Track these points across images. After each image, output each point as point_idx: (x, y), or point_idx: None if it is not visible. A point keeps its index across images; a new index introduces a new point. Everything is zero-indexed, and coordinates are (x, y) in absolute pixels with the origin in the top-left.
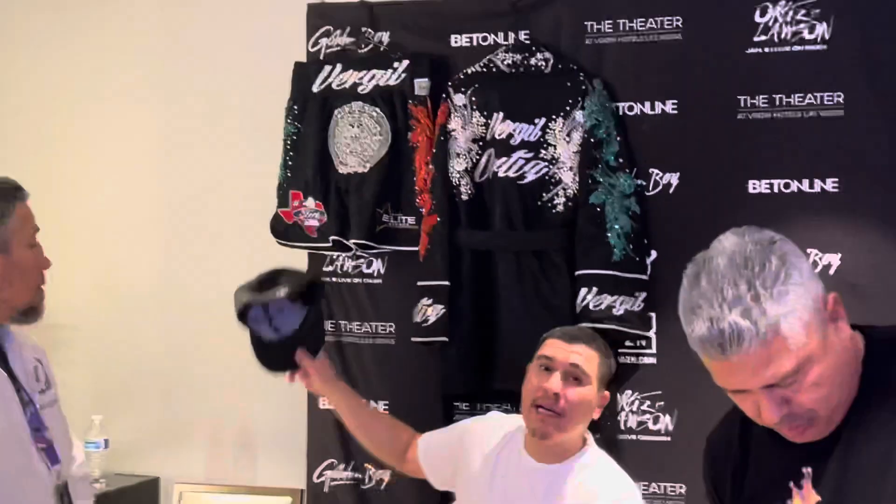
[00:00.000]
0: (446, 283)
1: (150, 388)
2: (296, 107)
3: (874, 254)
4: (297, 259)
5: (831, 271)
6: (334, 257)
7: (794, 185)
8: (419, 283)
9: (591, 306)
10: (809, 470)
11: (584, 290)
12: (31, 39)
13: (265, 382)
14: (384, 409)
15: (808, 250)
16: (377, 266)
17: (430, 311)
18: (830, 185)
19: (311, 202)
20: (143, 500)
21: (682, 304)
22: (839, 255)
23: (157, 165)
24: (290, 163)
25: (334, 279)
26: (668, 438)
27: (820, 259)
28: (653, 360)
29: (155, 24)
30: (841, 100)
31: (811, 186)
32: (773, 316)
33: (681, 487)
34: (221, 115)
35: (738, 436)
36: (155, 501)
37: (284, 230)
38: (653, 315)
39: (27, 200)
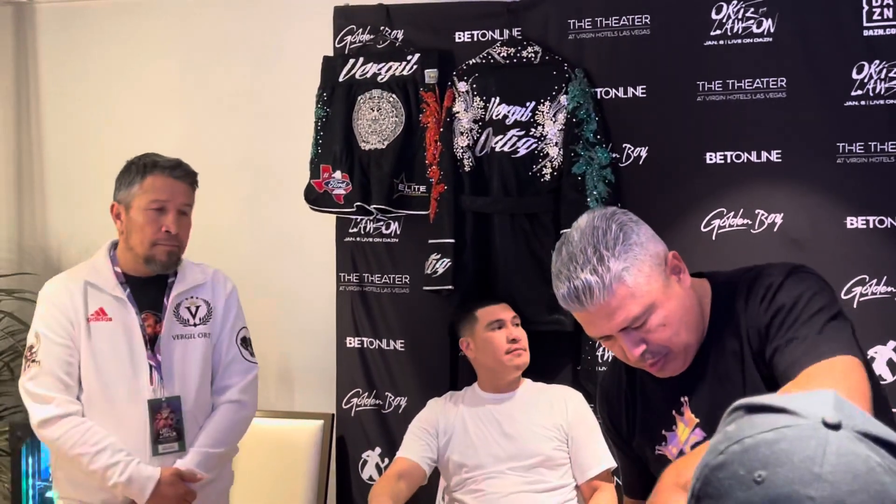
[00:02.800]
0: (452, 240)
1: None
2: (325, 94)
3: (810, 214)
4: (326, 221)
5: (775, 229)
6: (358, 220)
7: (744, 157)
8: (430, 241)
9: None
10: (686, 398)
11: None
12: (101, 39)
13: (301, 325)
14: (401, 347)
15: (756, 211)
16: (394, 227)
17: (439, 265)
18: (775, 156)
19: (338, 174)
20: None
21: (552, 272)
22: (782, 214)
23: (204, 146)
24: (320, 141)
25: (358, 239)
26: None
27: (766, 218)
28: None
29: (207, 25)
30: (784, 84)
31: (758, 157)
32: (615, 270)
33: None
34: (260, 101)
35: (625, 379)
36: None
37: (316, 198)
38: None
39: (167, 175)
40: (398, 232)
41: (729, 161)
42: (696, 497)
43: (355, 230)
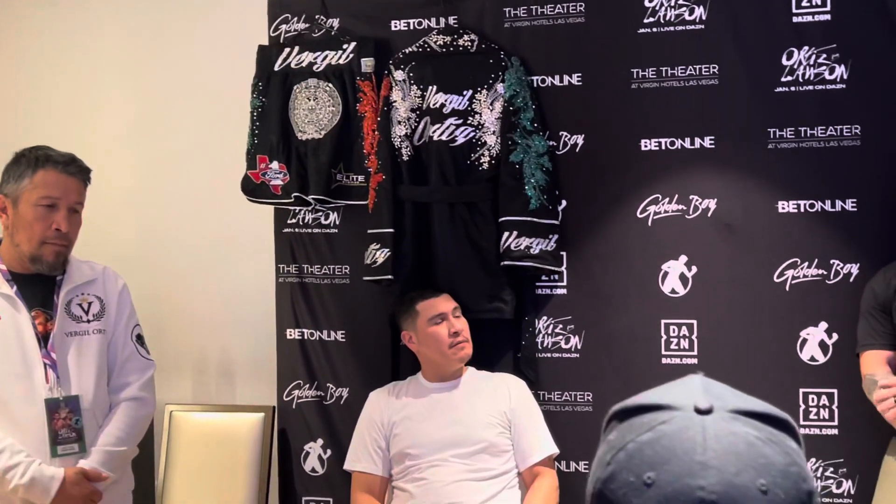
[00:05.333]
0: (391, 230)
1: (145, 325)
2: (260, 84)
3: (743, 199)
4: (264, 213)
5: (709, 214)
6: (296, 211)
7: (678, 143)
8: (369, 231)
9: (511, 247)
10: None
11: (506, 234)
12: (35, 28)
13: (241, 318)
14: (342, 338)
15: (690, 196)
16: (333, 217)
17: (378, 255)
18: (708, 142)
19: (275, 164)
20: None
21: None
22: (715, 199)
23: (140, 138)
24: (256, 132)
25: (297, 230)
26: (578, 356)
27: (700, 203)
28: (563, 291)
29: (138, 12)
30: (716, 70)
31: (692, 143)
32: None
33: (588, 395)
34: (195, 92)
35: None
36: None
37: (253, 189)
38: (564, 253)
39: (60, 171)
40: (337, 222)
41: (664, 147)
42: None
43: (294, 221)
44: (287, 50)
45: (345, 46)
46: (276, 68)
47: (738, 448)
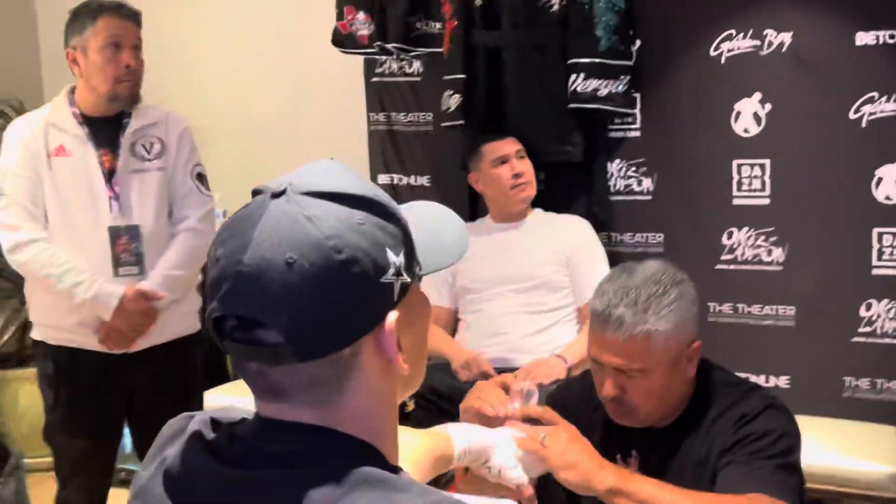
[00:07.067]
0: (463, 76)
1: (239, 178)
2: None
3: (820, 31)
4: (353, 63)
5: (783, 49)
6: (383, 60)
7: None
8: (443, 78)
9: (578, 90)
10: (637, 456)
11: (573, 76)
12: None
13: None
14: (427, 183)
15: (765, 31)
16: (417, 66)
17: (452, 101)
18: None
19: (361, 15)
20: None
21: (600, 283)
22: (791, 33)
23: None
24: None
25: (384, 79)
26: (650, 198)
27: (774, 38)
28: (637, 134)
29: None
30: None
31: None
32: (649, 326)
33: (659, 236)
34: None
35: (595, 397)
36: None
37: (342, 40)
38: (637, 95)
39: (116, 16)
40: (420, 70)
41: None
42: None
43: (381, 70)
44: None
45: None
46: None
47: (282, 225)
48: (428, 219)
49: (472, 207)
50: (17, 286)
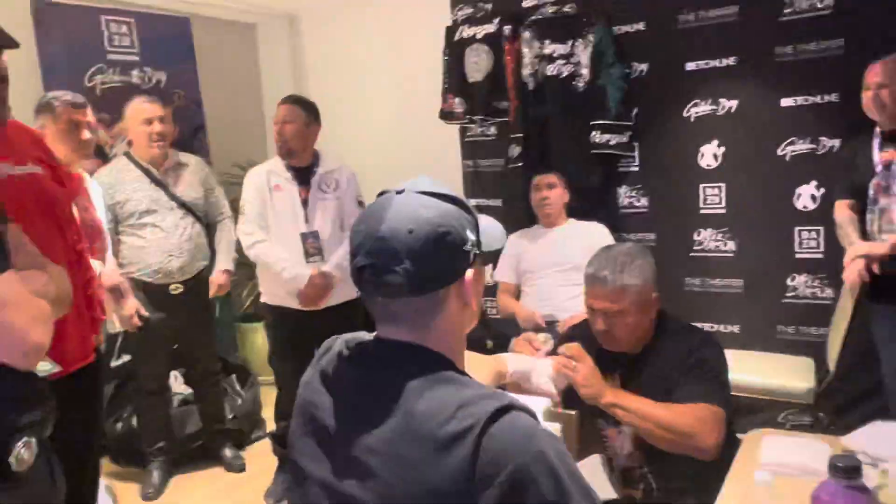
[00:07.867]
0: (521, 134)
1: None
2: (447, 49)
3: (756, 98)
4: (452, 131)
5: (731, 111)
6: (472, 127)
7: (711, 63)
8: (510, 136)
9: (597, 141)
10: (620, 376)
11: (594, 132)
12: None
13: None
14: (500, 205)
15: (719, 99)
16: (493, 130)
17: (514, 150)
18: (732, 60)
19: (458, 100)
20: None
21: (591, 257)
22: (736, 101)
23: (392, 89)
24: (446, 79)
25: (472, 139)
26: (646, 210)
27: (726, 104)
28: (636, 169)
29: (395, 25)
30: (736, 11)
31: (720, 63)
32: (626, 281)
33: (652, 235)
34: (410, 58)
35: (591, 336)
36: None
37: (445, 115)
38: (636, 144)
39: (288, 102)
40: (495, 132)
41: (698, 68)
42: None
43: (470, 133)
44: (461, 27)
45: (494, 20)
46: (455, 38)
47: (404, 210)
48: (485, 223)
49: (531, 218)
50: (252, 269)
